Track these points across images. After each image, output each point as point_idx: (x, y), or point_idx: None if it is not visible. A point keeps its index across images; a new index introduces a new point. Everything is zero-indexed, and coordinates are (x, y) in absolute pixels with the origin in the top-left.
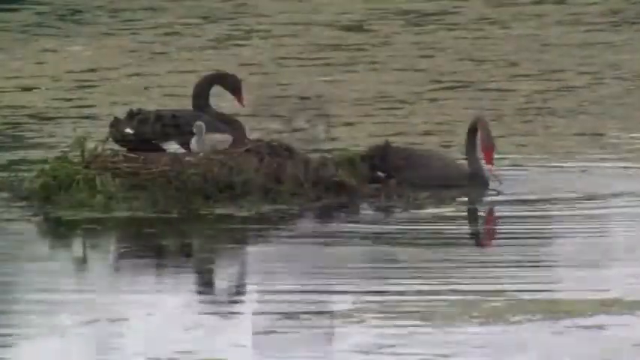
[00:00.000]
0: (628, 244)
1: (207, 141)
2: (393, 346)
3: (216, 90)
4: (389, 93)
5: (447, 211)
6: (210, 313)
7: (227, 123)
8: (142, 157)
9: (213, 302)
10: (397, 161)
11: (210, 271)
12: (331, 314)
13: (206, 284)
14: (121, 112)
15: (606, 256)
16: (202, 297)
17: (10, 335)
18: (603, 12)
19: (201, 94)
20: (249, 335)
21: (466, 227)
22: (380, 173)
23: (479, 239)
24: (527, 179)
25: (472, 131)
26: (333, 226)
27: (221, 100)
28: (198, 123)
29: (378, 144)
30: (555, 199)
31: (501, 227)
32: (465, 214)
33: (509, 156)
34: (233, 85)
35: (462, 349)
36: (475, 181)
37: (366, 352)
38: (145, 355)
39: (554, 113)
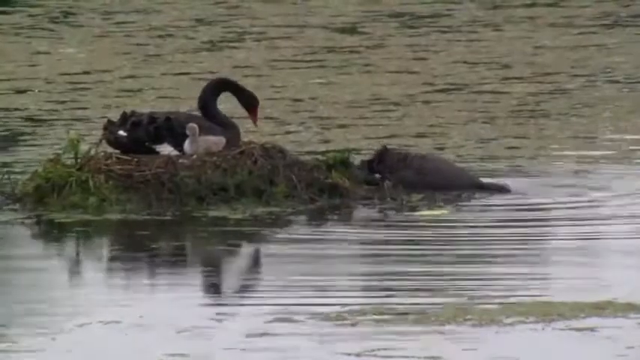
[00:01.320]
0: (621, 246)
1: (201, 143)
2: (385, 348)
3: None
4: (383, 95)
5: (440, 213)
6: (204, 316)
7: (221, 125)
8: (136, 160)
9: (206, 305)
10: (394, 163)
11: (204, 274)
12: (324, 316)
13: (199, 287)
14: (114, 115)
15: (600, 258)
16: (195, 299)
17: (2, 337)
18: (596, 14)
19: (210, 95)
20: (243, 338)
21: (459, 229)
22: (376, 175)
23: (472, 241)
24: (521, 181)
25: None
26: (327, 229)
27: (218, 102)
28: (192, 125)
29: (376, 150)
30: (549, 201)
31: (495, 229)
32: (459, 216)
33: (502, 159)
34: (250, 104)
35: (455, 351)
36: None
37: (359, 355)
38: (138, 357)
39: (548, 116)
